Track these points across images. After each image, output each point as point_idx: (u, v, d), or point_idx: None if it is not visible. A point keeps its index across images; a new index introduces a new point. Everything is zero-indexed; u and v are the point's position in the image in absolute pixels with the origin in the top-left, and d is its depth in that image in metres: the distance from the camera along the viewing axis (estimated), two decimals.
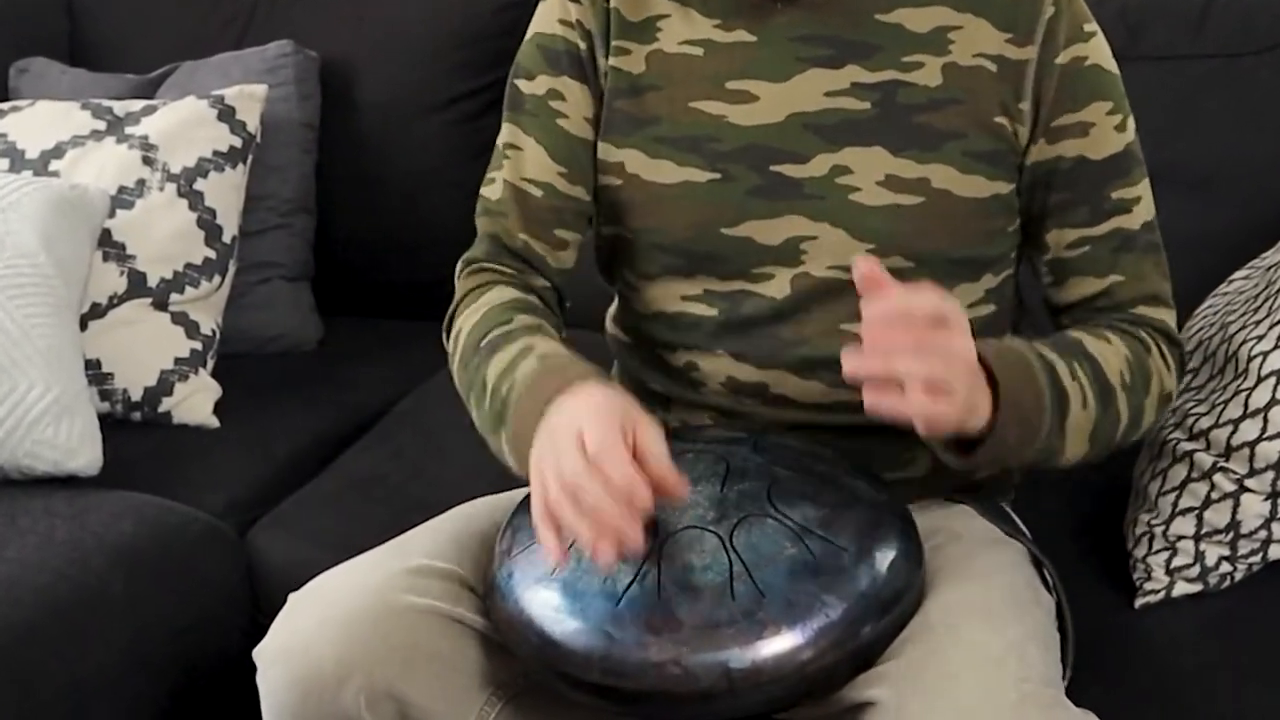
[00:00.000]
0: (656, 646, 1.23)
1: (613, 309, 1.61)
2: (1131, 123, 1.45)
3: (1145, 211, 1.47)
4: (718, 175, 1.44)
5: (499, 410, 1.37)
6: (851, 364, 1.20)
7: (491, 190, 1.56)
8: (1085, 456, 1.40)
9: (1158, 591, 1.62)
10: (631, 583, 1.26)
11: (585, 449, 1.20)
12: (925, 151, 1.41)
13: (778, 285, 1.45)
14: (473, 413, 1.44)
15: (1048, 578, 1.48)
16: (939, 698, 1.22)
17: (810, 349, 1.46)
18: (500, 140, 1.56)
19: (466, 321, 1.49)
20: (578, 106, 1.51)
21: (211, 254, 2.22)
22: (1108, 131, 1.43)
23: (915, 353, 1.20)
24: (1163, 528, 1.63)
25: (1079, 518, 1.78)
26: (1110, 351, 1.41)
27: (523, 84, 1.53)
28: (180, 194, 2.21)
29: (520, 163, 1.53)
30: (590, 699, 1.28)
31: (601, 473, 1.19)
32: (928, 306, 1.21)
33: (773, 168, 1.43)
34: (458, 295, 1.55)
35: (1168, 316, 1.48)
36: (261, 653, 1.39)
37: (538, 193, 1.52)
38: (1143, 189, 1.47)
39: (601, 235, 1.55)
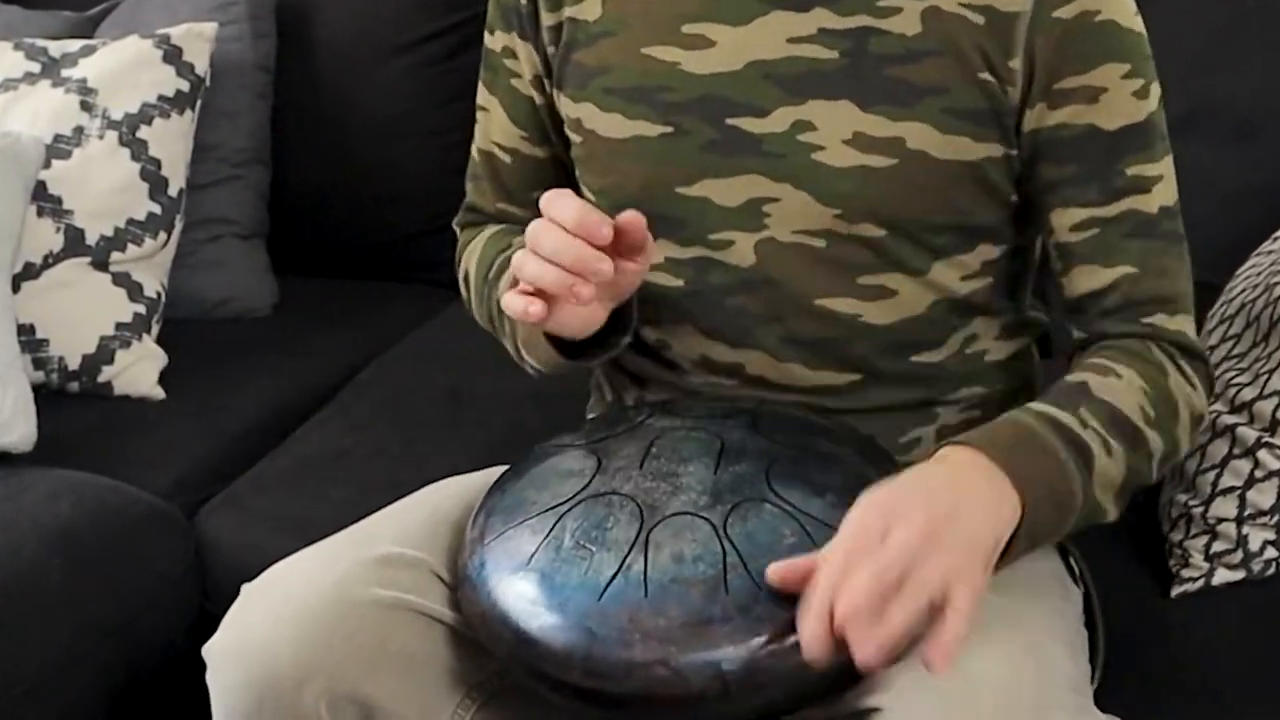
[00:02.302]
0: (642, 645, 1.22)
1: None
2: (1156, 90, 1.39)
3: (1166, 195, 1.41)
4: (669, 129, 1.43)
5: (511, 325, 1.46)
6: (869, 658, 1.14)
7: (474, 151, 1.61)
8: (1120, 506, 1.36)
9: (1196, 579, 1.62)
10: (615, 574, 1.25)
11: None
12: (899, 108, 1.38)
13: (741, 252, 1.43)
14: (502, 340, 1.53)
15: (1074, 567, 1.48)
16: (950, 705, 1.21)
17: (785, 326, 1.45)
18: (477, 99, 1.59)
19: (471, 261, 1.57)
20: (527, 65, 1.52)
21: (156, 209, 2.22)
22: (1123, 98, 1.38)
23: (895, 601, 1.15)
24: (1201, 509, 1.62)
25: None
26: (1122, 388, 1.35)
27: (488, 38, 1.56)
28: (122, 143, 2.21)
29: (488, 125, 1.58)
30: (571, 702, 1.27)
31: (553, 220, 1.27)
32: (869, 523, 1.18)
33: (729, 121, 1.41)
34: (458, 249, 1.62)
35: (1185, 325, 1.42)
36: (212, 650, 1.38)
37: (506, 158, 1.57)
38: (1164, 168, 1.41)
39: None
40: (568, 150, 1.53)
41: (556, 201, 1.28)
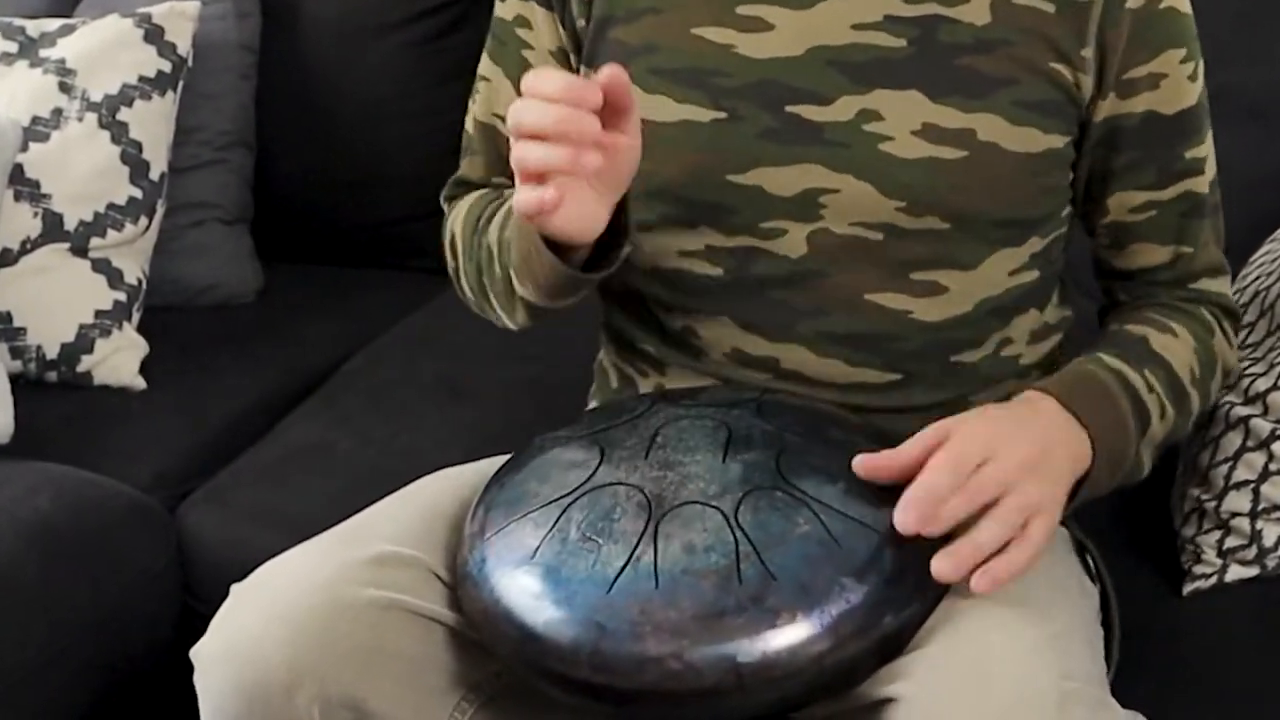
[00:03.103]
0: (654, 638, 1.22)
1: None
2: (1202, 69, 1.45)
3: (1212, 170, 1.48)
4: (723, 114, 1.42)
5: (505, 258, 1.43)
6: (943, 567, 1.24)
7: (468, 124, 1.60)
8: (1154, 462, 1.44)
9: (1209, 576, 1.62)
10: (624, 566, 1.25)
11: None
12: (971, 99, 1.39)
13: (792, 243, 1.43)
14: (489, 302, 1.51)
15: (1091, 563, 1.48)
16: (969, 695, 1.21)
17: (829, 321, 1.44)
18: (479, 69, 1.58)
19: (457, 222, 1.56)
20: (543, 37, 1.51)
21: (137, 193, 2.22)
22: (1181, 83, 1.42)
23: (988, 514, 1.25)
24: (1214, 504, 1.62)
25: (1119, 494, 1.75)
26: (1178, 346, 1.43)
27: (499, 6, 1.54)
28: (102, 125, 2.21)
29: (492, 97, 1.56)
30: (579, 699, 1.26)
31: (540, 95, 1.25)
32: (961, 454, 1.26)
33: (789, 108, 1.41)
34: (446, 219, 1.60)
35: (1226, 286, 1.51)
36: (200, 653, 1.38)
37: (507, 131, 1.52)
38: (1210, 145, 1.47)
39: None
40: None
41: (539, 76, 1.25)
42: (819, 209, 1.41)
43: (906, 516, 1.22)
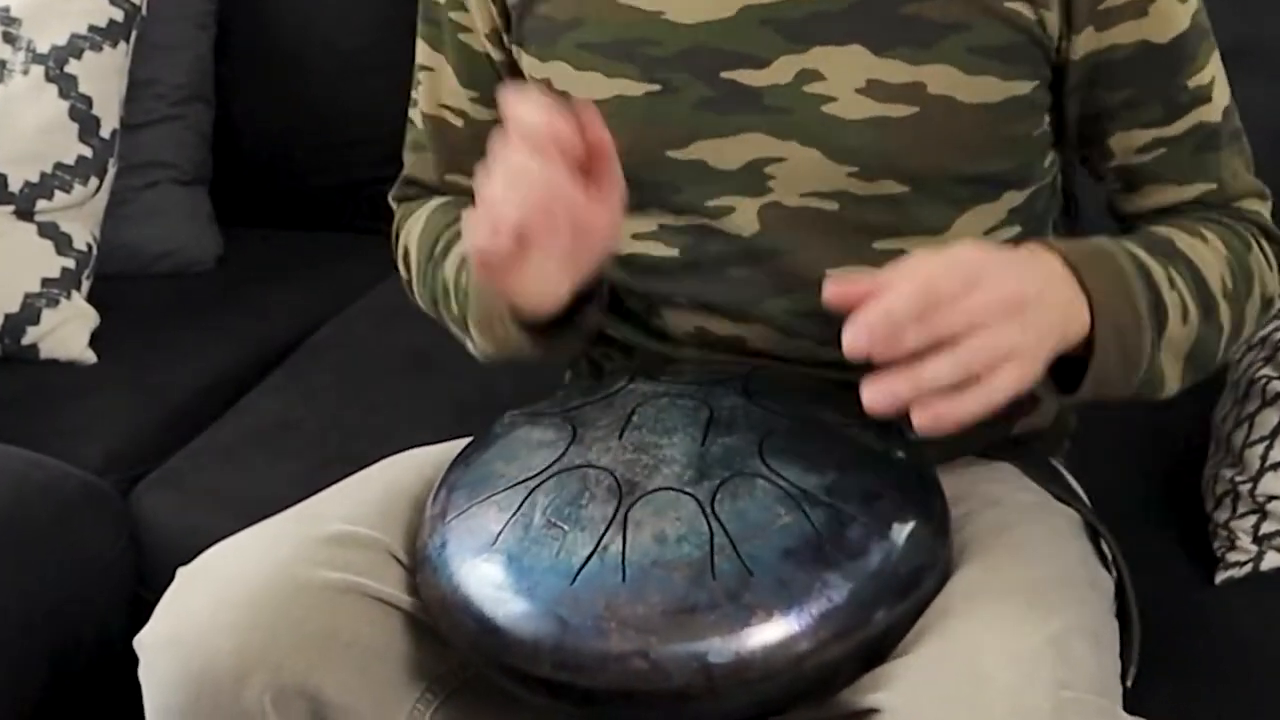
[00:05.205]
0: (619, 635, 1.22)
1: None
2: None
3: (1223, 95, 1.45)
4: (656, 87, 1.42)
5: (462, 302, 1.45)
6: (874, 395, 1.17)
7: (414, 116, 1.60)
8: (1183, 382, 1.39)
9: (1243, 564, 1.62)
10: (590, 556, 1.25)
11: None
12: (919, 50, 1.37)
13: (743, 219, 1.43)
14: (446, 323, 1.54)
15: (1105, 551, 1.47)
16: (957, 705, 1.20)
17: (793, 299, 1.44)
18: (417, 58, 1.58)
19: (411, 238, 1.56)
20: (480, 18, 1.51)
21: (87, 151, 2.22)
22: (1171, 6, 1.39)
23: (950, 345, 1.17)
24: (1249, 486, 1.62)
25: (1146, 474, 1.78)
26: (1209, 252, 1.39)
27: None
28: (49, 78, 2.21)
29: (435, 87, 1.56)
30: (540, 697, 1.27)
31: (518, 125, 1.24)
32: (931, 279, 1.18)
33: (724, 74, 1.40)
34: (396, 223, 1.62)
35: (1263, 208, 1.47)
36: (144, 641, 1.38)
37: (457, 121, 1.56)
38: (1215, 66, 1.44)
39: None
40: None
41: (520, 104, 1.24)
42: (767, 180, 1.41)
43: (856, 335, 1.15)
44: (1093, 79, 1.40)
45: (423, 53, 1.56)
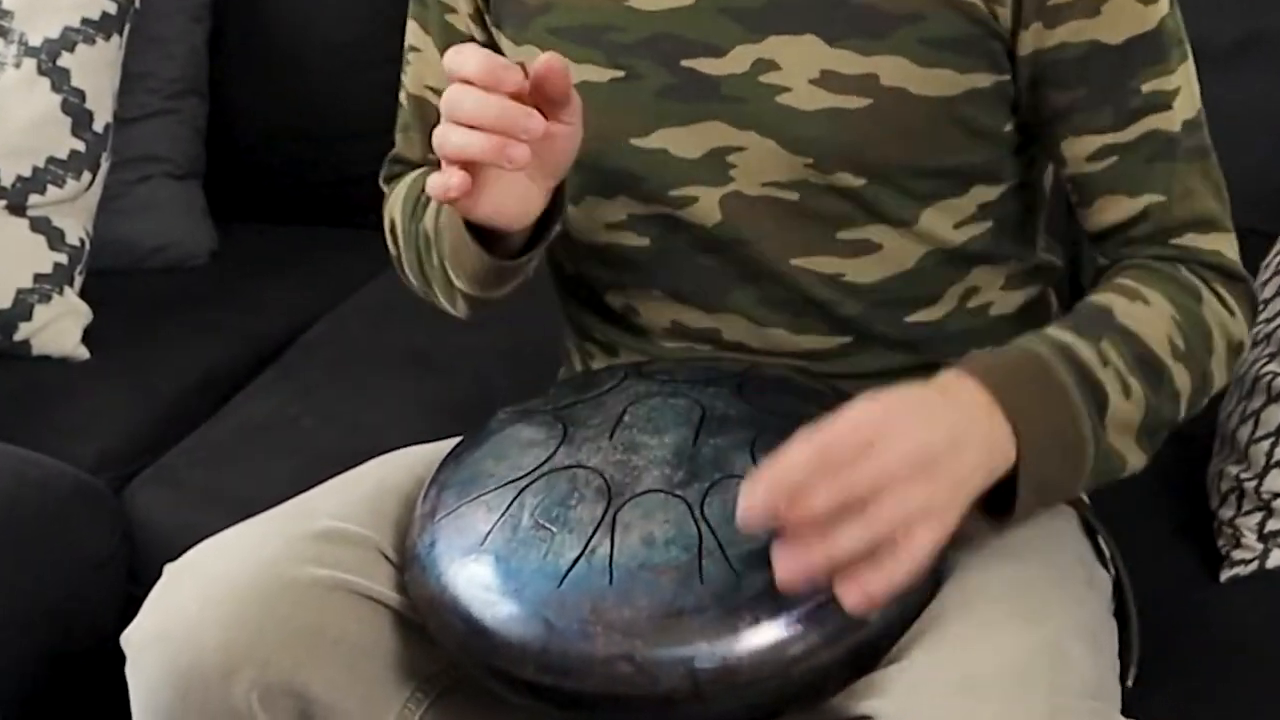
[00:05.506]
0: (605, 638, 1.22)
1: (554, 239, 1.60)
2: None
3: (1187, 107, 1.40)
4: (620, 73, 1.43)
5: (440, 246, 1.46)
6: (786, 567, 1.14)
7: (402, 97, 1.62)
8: (1146, 454, 1.36)
9: (1248, 561, 1.62)
10: (578, 558, 1.25)
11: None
12: (871, 40, 1.37)
13: (705, 209, 1.43)
14: (433, 285, 1.53)
15: (1103, 549, 1.47)
16: (950, 713, 1.20)
17: (761, 289, 1.45)
18: (407, 39, 1.60)
19: (395, 206, 1.58)
20: (463, 0, 1.52)
21: (80, 146, 2.22)
22: (1127, 6, 1.36)
23: (854, 518, 1.14)
24: (1255, 483, 1.62)
25: (1149, 472, 1.74)
26: (1151, 316, 1.35)
27: None
28: (41, 72, 2.20)
29: (421, 67, 1.58)
30: (526, 699, 1.27)
31: (460, 76, 1.25)
32: (834, 439, 1.15)
33: (684, 62, 1.41)
34: (386, 202, 1.62)
35: (1222, 244, 1.42)
36: (131, 638, 1.38)
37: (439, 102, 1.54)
38: (1182, 77, 1.40)
39: None
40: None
41: (459, 55, 1.26)
42: (728, 170, 1.41)
43: (753, 491, 1.12)
44: (1041, 78, 1.38)
45: (412, 33, 1.58)
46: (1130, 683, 1.37)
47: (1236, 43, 1.45)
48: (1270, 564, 1.61)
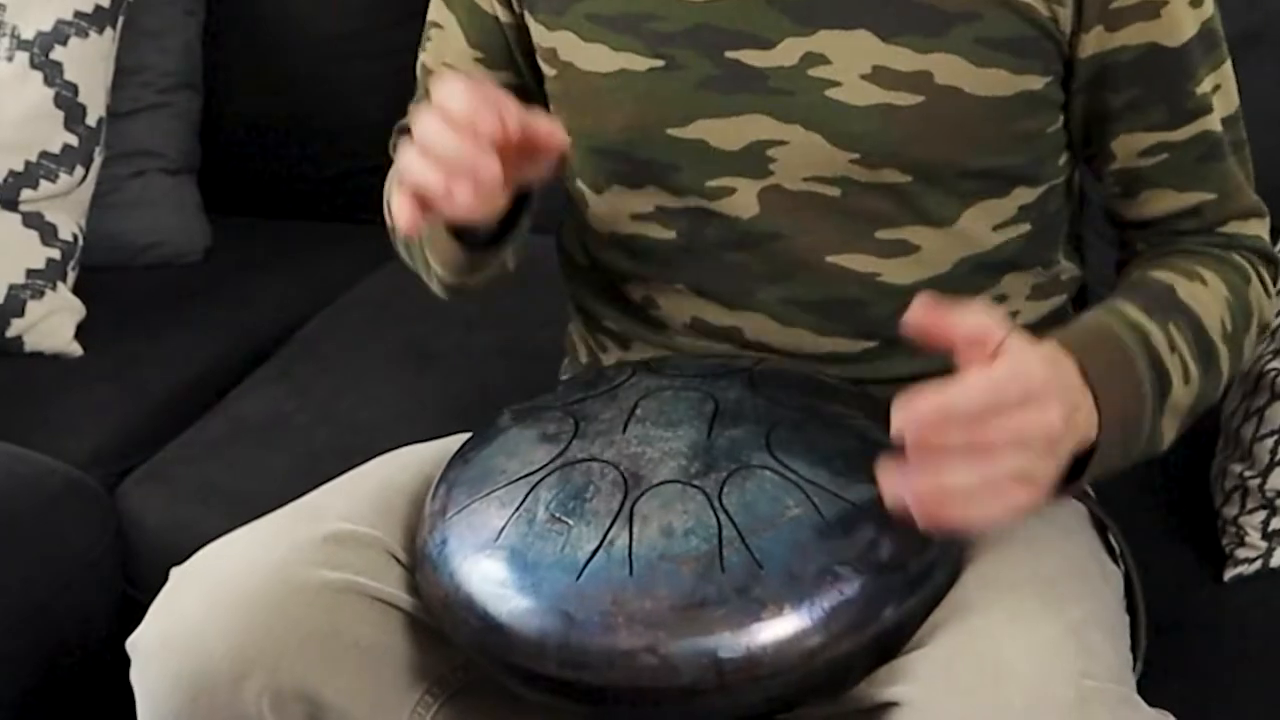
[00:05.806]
0: (627, 630, 1.22)
1: (566, 225, 1.62)
2: None
3: (1229, 103, 1.45)
4: (660, 63, 1.42)
5: (429, 236, 1.47)
6: (892, 485, 1.18)
7: (419, 68, 1.61)
8: (1178, 433, 1.39)
9: (1252, 560, 1.62)
10: (596, 550, 1.25)
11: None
12: (927, 37, 1.37)
13: (742, 202, 1.43)
14: (417, 264, 1.54)
15: (1114, 545, 1.48)
16: (978, 697, 1.21)
17: (791, 286, 1.45)
18: (429, 15, 1.59)
19: (391, 182, 1.56)
20: None
21: (72, 140, 2.21)
22: (1182, 9, 1.40)
23: (982, 454, 1.17)
24: (1259, 481, 1.63)
25: (1154, 469, 1.75)
26: (1208, 296, 1.40)
27: None
28: (33, 65, 2.20)
29: (441, 44, 1.57)
30: (546, 696, 1.27)
31: (439, 107, 1.25)
32: (1004, 387, 1.17)
33: (729, 54, 1.41)
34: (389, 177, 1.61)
35: (1262, 230, 1.48)
36: (137, 644, 1.38)
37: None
38: (1225, 74, 1.44)
39: None
40: (539, 82, 1.53)
41: (448, 87, 1.26)
42: (768, 163, 1.41)
43: (907, 417, 1.15)
44: (1099, 79, 1.40)
45: (434, 9, 1.58)
46: (1135, 678, 1.37)
47: (1238, 37, 1.46)
48: (1274, 563, 1.61)
